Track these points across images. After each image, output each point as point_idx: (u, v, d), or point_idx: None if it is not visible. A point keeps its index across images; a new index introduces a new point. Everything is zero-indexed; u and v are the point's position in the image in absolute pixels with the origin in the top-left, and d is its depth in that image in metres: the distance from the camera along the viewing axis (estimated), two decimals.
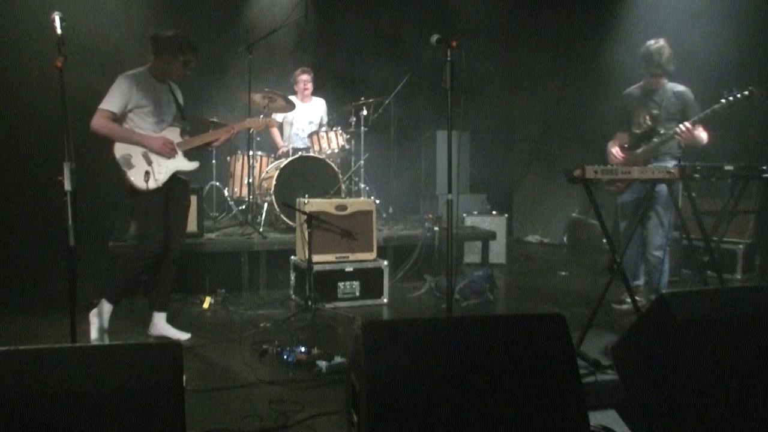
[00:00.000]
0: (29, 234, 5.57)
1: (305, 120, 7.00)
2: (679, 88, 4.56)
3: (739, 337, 2.34)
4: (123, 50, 5.98)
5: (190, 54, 3.95)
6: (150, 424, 1.75)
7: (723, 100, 3.94)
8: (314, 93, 7.12)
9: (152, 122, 3.93)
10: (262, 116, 4.63)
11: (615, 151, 4.72)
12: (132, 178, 3.81)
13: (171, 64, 3.94)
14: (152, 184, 3.85)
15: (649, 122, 4.60)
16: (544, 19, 8.09)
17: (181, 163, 4.03)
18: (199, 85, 6.84)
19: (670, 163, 4.51)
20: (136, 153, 3.86)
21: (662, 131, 4.48)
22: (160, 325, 4.06)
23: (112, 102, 3.80)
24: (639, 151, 4.60)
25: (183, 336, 4.05)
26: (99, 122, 3.78)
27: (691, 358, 2.29)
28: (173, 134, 4.02)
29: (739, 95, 3.88)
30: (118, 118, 3.84)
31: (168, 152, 3.94)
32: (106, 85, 3.93)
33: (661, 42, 4.55)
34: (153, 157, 3.90)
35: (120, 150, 3.83)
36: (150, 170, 3.85)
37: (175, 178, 4.00)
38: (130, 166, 3.82)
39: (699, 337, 2.29)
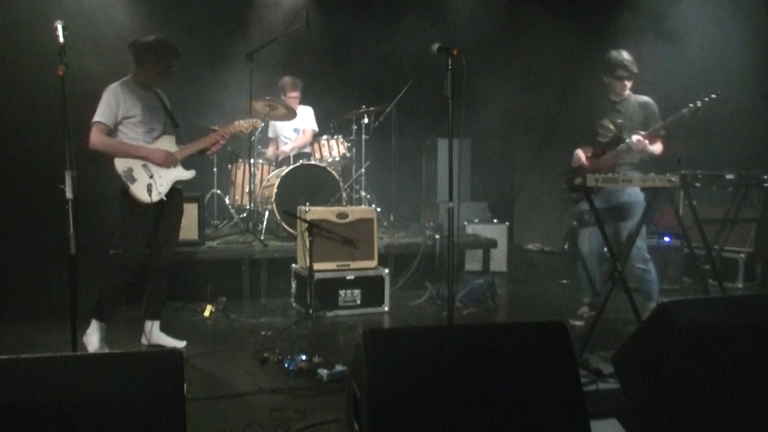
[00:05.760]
0: (30, 242, 5.57)
1: (290, 128, 6.99)
2: (644, 99, 4.54)
3: (741, 345, 2.34)
4: (124, 59, 6.00)
5: (172, 58, 3.89)
6: None
7: (691, 105, 3.96)
8: (310, 100, 7.11)
9: (143, 131, 3.88)
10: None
11: (580, 153, 4.64)
12: (136, 193, 3.79)
13: (153, 71, 3.89)
14: (155, 197, 3.82)
15: (613, 129, 4.58)
16: (545, 27, 8.11)
17: (180, 173, 4.00)
18: (200, 93, 6.86)
19: (633, 173, 4.46)
20: (136, 166, 3.83)
21: (627, 140, 4.39)
22: (155, 334, 4.03)
23: (103, 114, 3.76)
24: (604, 158, 4.53)
25: (178, 344, 4.02)
26: (98, 138, 3.75)
27: (693, 367, 2.28)
28: (169, 143, 3.99)
29: (707, 99, 3.91)
30: (112, 131, 3.82)
31: (170, 164, 3.93)
32: None
33: (624, 51, 4.57)
34: (153, 168, 3.87)
35: (120, 164, 3.80)
36: (152, 183, 3.83)
37: (172, 188, 3.97)
38: (133, 180, 3.80)
39: (700, 346, 2.29)
